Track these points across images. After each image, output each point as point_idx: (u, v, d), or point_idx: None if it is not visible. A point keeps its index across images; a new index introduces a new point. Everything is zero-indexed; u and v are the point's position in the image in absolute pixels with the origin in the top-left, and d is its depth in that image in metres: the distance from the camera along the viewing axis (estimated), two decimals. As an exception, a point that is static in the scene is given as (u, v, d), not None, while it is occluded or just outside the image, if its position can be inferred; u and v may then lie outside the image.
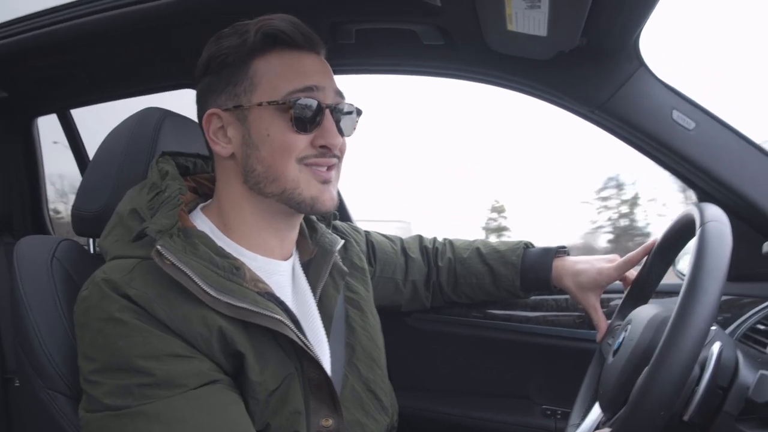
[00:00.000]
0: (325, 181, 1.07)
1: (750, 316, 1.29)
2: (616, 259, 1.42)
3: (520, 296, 1.58)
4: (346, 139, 1.11)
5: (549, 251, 1.51)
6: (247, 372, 0.94)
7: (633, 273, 1.38)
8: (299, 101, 1.01)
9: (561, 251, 1.51)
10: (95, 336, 0.91)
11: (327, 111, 1.05)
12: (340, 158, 1.10)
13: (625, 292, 1.30)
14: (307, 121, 1.02)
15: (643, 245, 1.32)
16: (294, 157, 1.03)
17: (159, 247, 0.92)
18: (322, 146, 1.04)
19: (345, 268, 1.25)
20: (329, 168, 1.08)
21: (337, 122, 1.06)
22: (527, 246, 1.56)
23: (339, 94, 1.09)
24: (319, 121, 1.04)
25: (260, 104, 1.02)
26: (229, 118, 1.05)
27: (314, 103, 1.03)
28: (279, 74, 1.03)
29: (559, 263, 1.48)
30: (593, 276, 1.41)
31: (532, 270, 1.51)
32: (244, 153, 1.05)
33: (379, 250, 1.52)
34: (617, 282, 1.43)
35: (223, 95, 1.05)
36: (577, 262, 1.47)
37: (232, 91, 1.04)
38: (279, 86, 1.02)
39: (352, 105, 1.11)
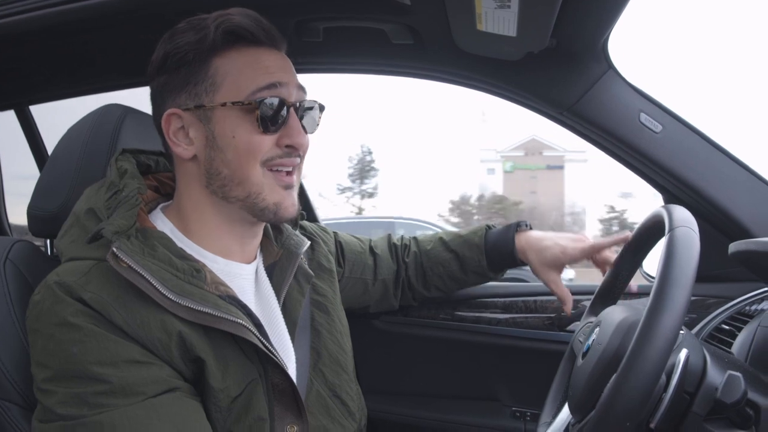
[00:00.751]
0: (288, 186, 1.04)
1: (715, 317, 1.31)
2: (583, 240, 1.45)
3: (489, 277, 1.57)
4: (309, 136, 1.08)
5: (510, 227, 1.53)
6: (208, 378, 0.91)
7: (605, 256, 1.40)
8: (265, 101, 0.98)
9: (522, 226, 1.53)
10: (47, 342, 0.87)
11: (291, 109, 1.02)
12: (302, 158, 1.07)
13: (596, 291, 1.30)
14: (272, 120, 0.99)
15: (614, 236, 1.34)
16: (259, 159, 1.00)
17: (114, 249, 0.88)
18: (287, 146, 1.02)
19: (310, 271, 1.22)
20: (291, 171, 1.05)
21: (301, 120, 1.04)
22: (489, 227, 1.57)
23: (301, 89, 1.06)
24: (284, 120, 1.01)
25: (224, 104, 0.98)
26: (191, 119, 1.01)
27: (279, 102, 1.00)
28: (241, 72, 0.99)
29: (522, 237, 1.50)
30: (556, 254, 1.44)
31: (495, 247, 1.52)
32: (208, 155, 1.01)
33: (348, 250, 1.50)
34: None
35: (182, 94, 1.01)
36: (542, 238, 1.48)
37: (193, 90, 1.00)
38: (242, 85, 0.98)
39: (314, 101, 1.08)
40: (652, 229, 1.10)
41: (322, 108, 1.10)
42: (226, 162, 1.00)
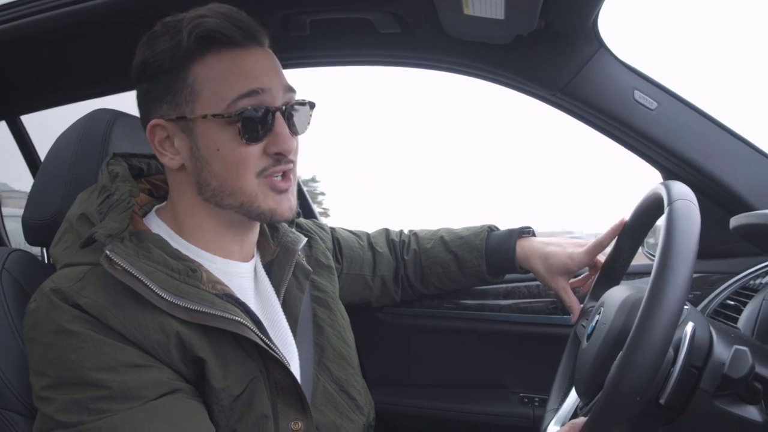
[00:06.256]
0: (282, 191, 1.02)
1: (720, 292, 1.29)
2: (586, 244, 1.39)
3: (488, 281, 1.56)
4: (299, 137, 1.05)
5: (512, 232, 1.49)
6: (209, 378, 0.90)
7: (601, 258, 1.37)
8: (245, 113, 0.94)
9: (525, 232, 1.49)
10: (45, 350, 0.86)
11: (277, 114, 0.98)
12: (294, 161, 1.04)
13: (597, 274, 1.29)
14: (255, 130, 0.96)
15: (610, 227, 1.31)
16: (252, 171, 0.98)
17: (108, 252, 0.88)
18: (275, 153, 0.99)
19: (309, 267, 1.22)
20: (285, 176, 1.02)
21: (289, 121, 1.00)
22: (491, 229, 1.54)
23: (289, 89, 1.02)
24: (269, 127, 0.97)
25: (204, 117, 0.95)
26: (174, 129, 0.99)
27: (262, 111, 0.96)
28: (220, 79, 0.95)
29: (525, 244, 1.46)
30: (564, 260, 1.39)
31: (496, 253, 1.49)
32: (195, 166, 0.99)
33: (346, 246, 1.50)
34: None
35: (164, 105, 0.98)
36: (546, 243, 1.44)
37: (173, 100, 0.97)
38: (222, 93, 0.95)
39: (304, 99, 1.05)
40: (651, 207, 1.09)
41: (312, 106, 1.07)
42: (214, 174, 0.98)
